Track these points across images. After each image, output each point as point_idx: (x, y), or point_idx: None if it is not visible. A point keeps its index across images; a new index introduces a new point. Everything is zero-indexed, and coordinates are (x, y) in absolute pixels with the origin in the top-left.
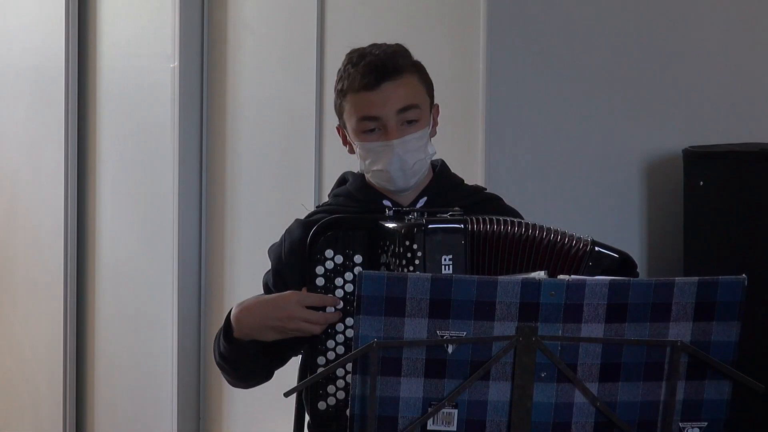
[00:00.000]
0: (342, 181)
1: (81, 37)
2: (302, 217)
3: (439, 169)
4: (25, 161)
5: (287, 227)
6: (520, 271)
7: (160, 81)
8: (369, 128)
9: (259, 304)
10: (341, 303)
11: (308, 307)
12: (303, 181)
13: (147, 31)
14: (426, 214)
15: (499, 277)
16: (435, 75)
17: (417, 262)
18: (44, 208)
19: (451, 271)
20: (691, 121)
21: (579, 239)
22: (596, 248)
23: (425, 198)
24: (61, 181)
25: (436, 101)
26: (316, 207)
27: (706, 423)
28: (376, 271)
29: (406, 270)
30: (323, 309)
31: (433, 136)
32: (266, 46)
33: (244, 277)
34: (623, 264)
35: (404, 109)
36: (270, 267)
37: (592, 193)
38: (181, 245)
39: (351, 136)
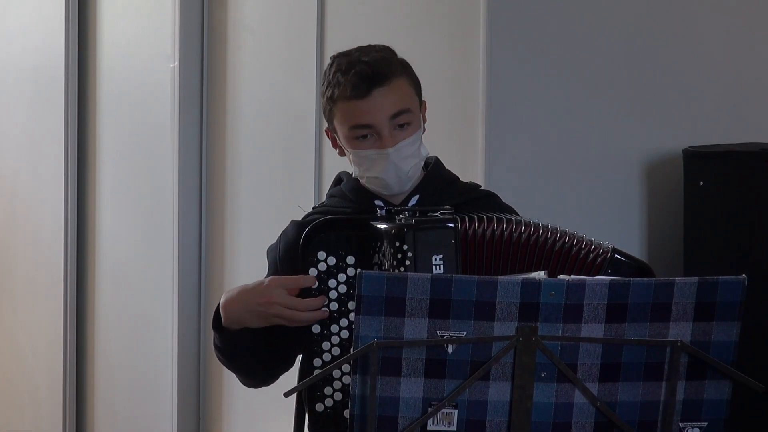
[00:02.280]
0: (338, 180)
1: (81, 37)
2: (299, 218)
3: (432, 166)
4: (25, 161)
5: (284, 229)
6: (527, 272)
7: (160, 81)
8: (362, 135)
9: (243, 291)
10: (316, 283)
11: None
12: (303, 181)
13: (147, 31)
14: (417, 213)
15: (499, 277)
16: (435, 75)
17: (408, 262)
18: (44, 208)
19: (442, 271)
20: (691, 121)
21: (599, 245)
22: (616, 255)
23: (417, 196)
24: (61, 181)
25: (431, 98)
26: (313, 208)
27: (706, 423)
28: (376, 271)
29: (397, 270)
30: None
31: (422, 133)
32: (266, 46)
33: (244, 278)
34: (640, 273)
35: (396, 114)
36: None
37: (592, 193)
38: (181, 245)
39: (343, 142)
